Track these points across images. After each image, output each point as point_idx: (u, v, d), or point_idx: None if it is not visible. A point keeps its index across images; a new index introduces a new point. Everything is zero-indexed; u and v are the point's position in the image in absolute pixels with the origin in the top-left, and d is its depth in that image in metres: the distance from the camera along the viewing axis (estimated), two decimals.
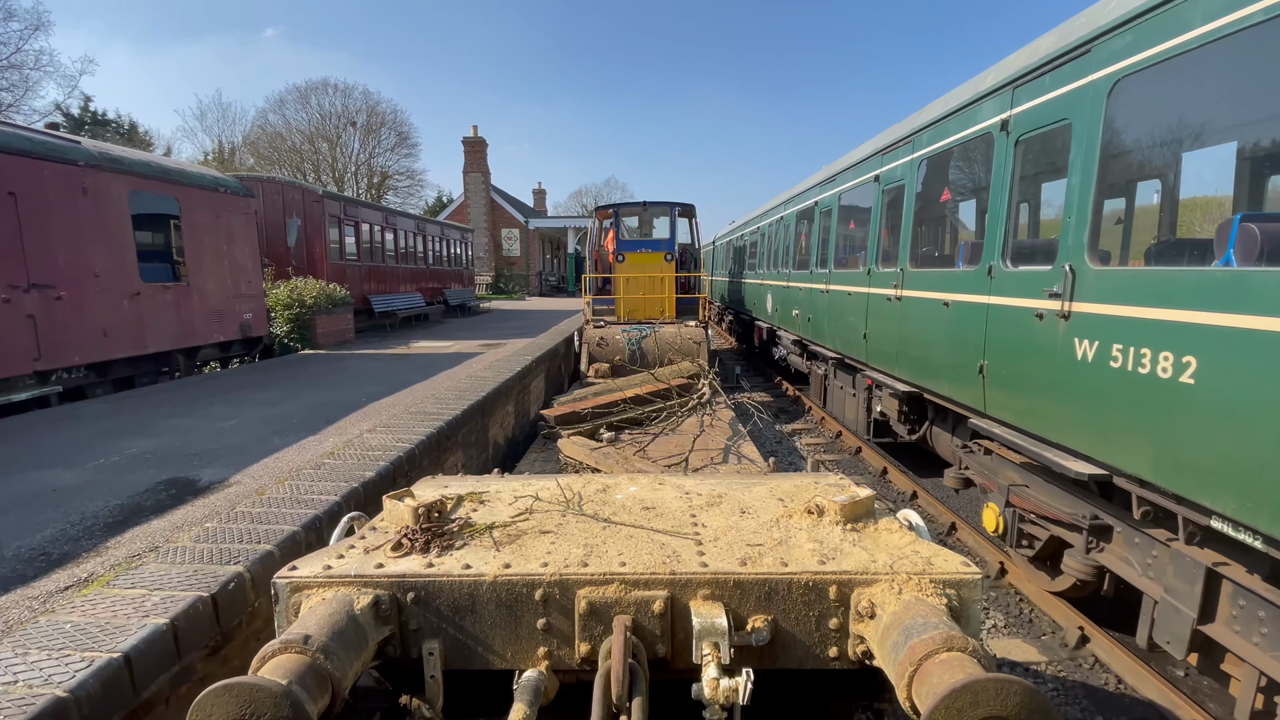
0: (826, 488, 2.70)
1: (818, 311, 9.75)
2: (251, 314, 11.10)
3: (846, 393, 8.61)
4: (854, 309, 7.94)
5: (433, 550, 2.07)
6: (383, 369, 9.00)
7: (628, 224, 13.96)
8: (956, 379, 5.36)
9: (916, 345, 6.18)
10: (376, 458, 4.55)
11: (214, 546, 3.06)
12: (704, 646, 1.77)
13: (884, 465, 7.92)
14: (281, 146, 42.05)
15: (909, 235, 6.49)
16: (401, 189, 47.45)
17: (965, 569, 1.91)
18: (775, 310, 12.97)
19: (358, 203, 17.71)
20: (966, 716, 1.34)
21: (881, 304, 7.01)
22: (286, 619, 1.90)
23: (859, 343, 7.70)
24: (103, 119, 34.60)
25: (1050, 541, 4.34)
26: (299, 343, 11.87)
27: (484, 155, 35.64)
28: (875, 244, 7.44)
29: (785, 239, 12.47)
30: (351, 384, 7.80)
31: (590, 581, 1.89)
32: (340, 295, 13.01)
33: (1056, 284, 4.01)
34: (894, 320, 6.65)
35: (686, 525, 2.30)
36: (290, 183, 15.53)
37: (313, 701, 1.48)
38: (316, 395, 7.05)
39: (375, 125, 44.56)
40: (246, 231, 11.12)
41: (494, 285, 34.90)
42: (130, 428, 5.70)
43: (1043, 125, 4.42)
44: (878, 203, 7.40)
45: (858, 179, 8.21)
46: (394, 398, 6.86)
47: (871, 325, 7.32)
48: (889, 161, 7.12)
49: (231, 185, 10.99)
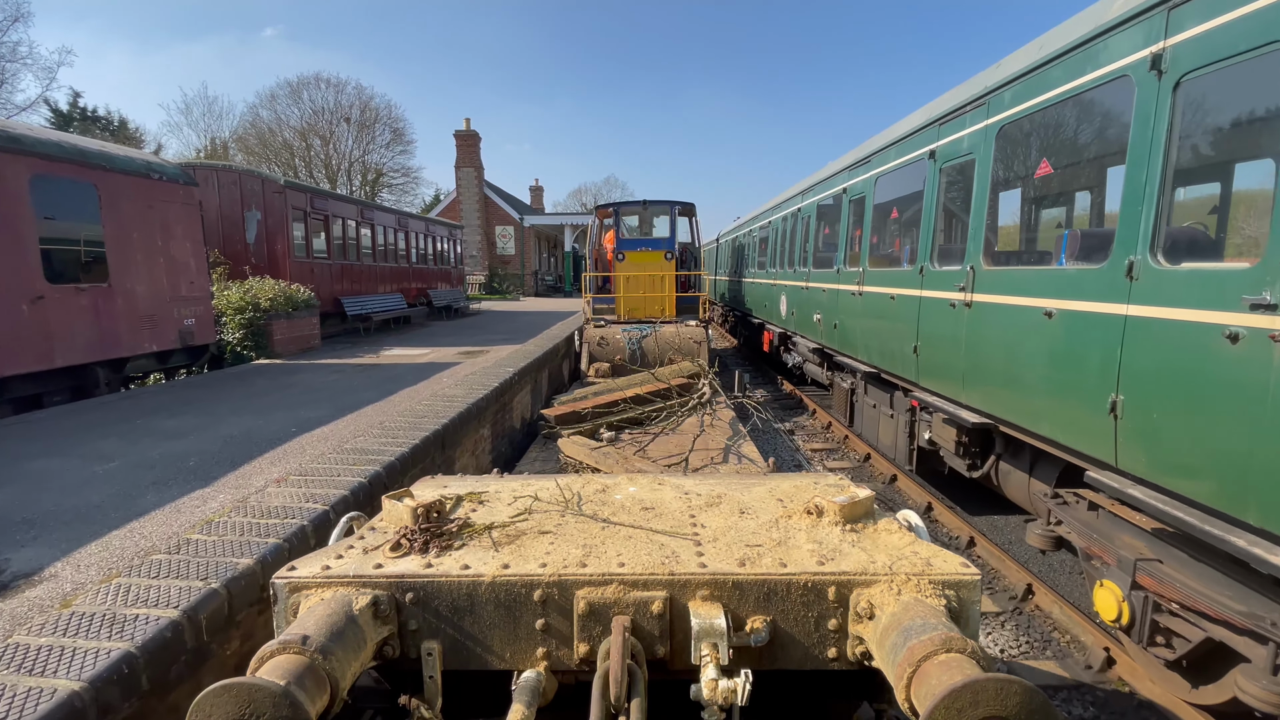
0: (826, 488, 2.70)
1: (847, 317, 8.49)
2: (195, 319, 9.70)
3: (881, 412, 7.40)
4: (899, 315, 6.69)
5: (431, 550, 2.07)
6: (337, 385, 7.77)
7: (628, 223, 13.96)
8: (1067, 417, 4.09)
9: (995, 365, 4.95)
10: (267, 531, 3.29)
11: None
12: (703, 647, 1.77)
13: (928, 500, 6.66)
14: (272, 143, 41.42)
15: (982, 224, 5.23)
16: (397, 186, 46.87)
17: (964, 570, 1.90)
18: (791, 314, 11.75)
19: (327, 195, 16.14)
20: (966, 717, 1.34)
21: (940, 311, 5.80)
22: (285, 619, 1.90)
23: (905, 356, 6.48)
24: (91, 114, 33.85)
25: (1204, 643, 3.18)
26: (253, 351, 10.49)
27: (477, 149, 34.10)
28: (929, 236, 6.17)
29: (804, 234, 11.15)
30: (291, 405, 6.60)
31: (589, 582, 1.89)
32: (303, 297, 11.64)
33: None
34: (959, 331, 5.45)
35: (685, 526, 2.30)
36: (249, 172, 13.89)
37: (311, 702, 1.48)
38: (240, 422, 5.89)
39: (369, 121, 43.93)
40: (188, 225, 9.62)
41: (487, 285, 33.81)
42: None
43: None
44: (933, 184, 6.15)
45: (903, 157, 6.93)
46: (333, 426, 5.67)
47: (925, 336, 6.08)
48: (950, 132, 5.84)
49: (169, 171, 9.50)
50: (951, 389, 5.61)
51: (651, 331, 11.03)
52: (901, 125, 7.21)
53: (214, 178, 13.26)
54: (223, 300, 10.63)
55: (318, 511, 3.59)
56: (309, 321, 11.89)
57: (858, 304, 8.04)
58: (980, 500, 6.68)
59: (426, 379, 8.11)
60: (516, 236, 35.68)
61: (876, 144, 7.86)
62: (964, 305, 5.37)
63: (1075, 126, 4.69)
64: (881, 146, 7.62)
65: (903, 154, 6.99)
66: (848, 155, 9.09)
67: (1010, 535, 6.09)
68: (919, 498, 6.89)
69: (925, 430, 6.13)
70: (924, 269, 6.21)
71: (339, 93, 42.97)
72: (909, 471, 6.88)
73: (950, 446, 5.55)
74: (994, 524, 6.30)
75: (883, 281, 7.34)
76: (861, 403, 8.18)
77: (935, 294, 5.95)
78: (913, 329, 6.31)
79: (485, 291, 32.89)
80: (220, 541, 3.21)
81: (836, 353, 8.99)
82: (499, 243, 35.72)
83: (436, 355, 10.71)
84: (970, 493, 6.77)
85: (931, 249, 6.17)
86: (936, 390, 5.94)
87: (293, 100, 42.12)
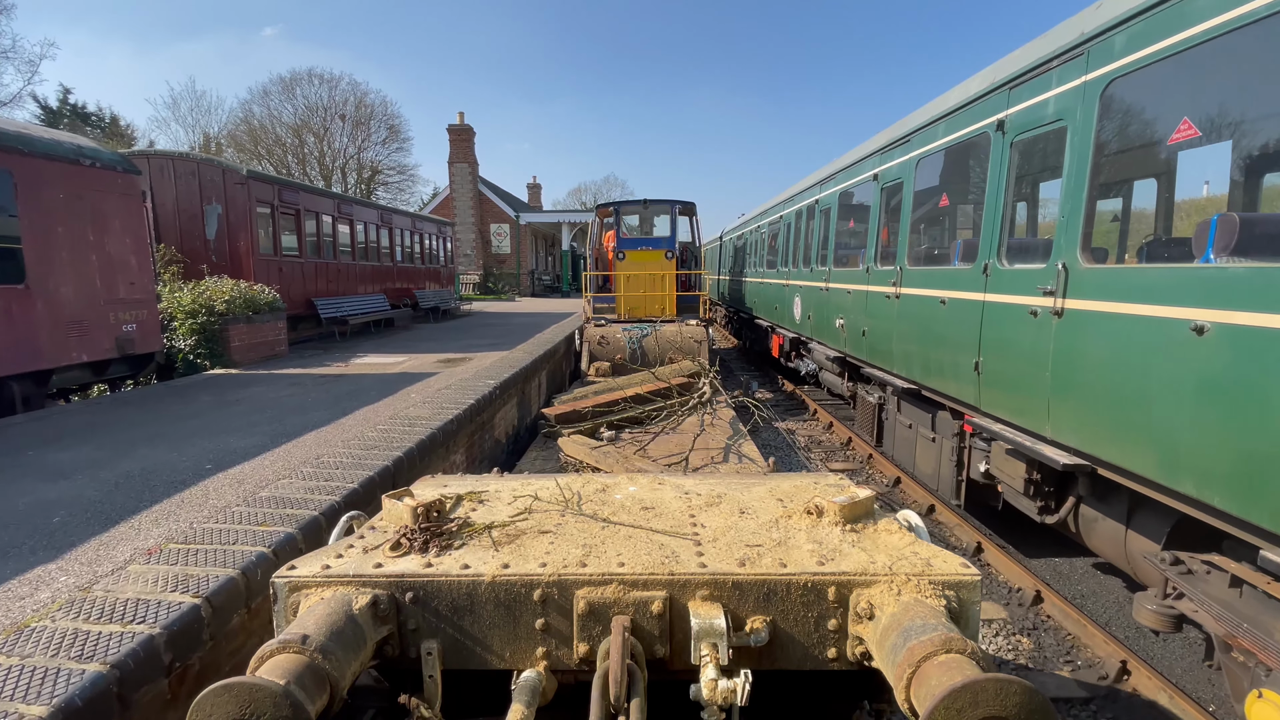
0: (826, 488, 2.70)
1: (878, 323, 7.48)
2: (136, 325, 8.56)
3: (919, 434, 6.45)
4: (950, 324, 5.72)
5: (431, 550, 2.07)
6: (288, 402, 6.78)
7: (628, 222, 13.97)
8: (1230, 474, 3.04)
9: (1103, 394, 3.87)
10: (92, 649, 2.20)
11: None
12: (702, 647, 1.77)
13: (977, 540, 5.74)
14: (265, 139, 40.94)
15: (1079, 210, 4.11)
16: (393, 184, 46.43)
17: (964, 570, 1.90)
18: (806, 317, 10.74)
19: (298, 186, 14.77)
20: (966, 716, 1.34)
21: (1013, 320, 4.81)
22: (285, 618, 1.90)
23: (959, 373, 5.53)
24: (82, 111, 33.35)
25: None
26: (208, 360, 9.44)
27: (471, 144, 33.07)
28: (997, 227, 5.13)
29: (823, 228, 10.15)
30: (221, 430, 5.59)
31: (589, 582, 1.89)
32: (266, 299, 10.62)
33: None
34: (1042, 346, 4.42)
35: (685, 525, 2.29)
36: (208, 161, 12.74)
37: (311, 701, 1.48)
38: (149, 455, 4.86)
39: (364, 118, 43.50)
40: (128, 217, 8.52)
41: (482, 285, 33.02)
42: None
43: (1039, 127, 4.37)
44: (1000, 162, 5.13)
45: (954, 133, 5.90)
46: (258, 461, 4.65)
47: (991, 350, 5.11)
48: (1026, 96, 4.80)
49: (104, 157, 8.40)
50: (1029, 417, 4.58)
51: (652, 331, 11.03)
52: (952, 95, 6.06)
53: (170, 167, 12.30)
54: (172, 303, 9.59)
55: (183, 610, 2.48)
56: (273, 326, 10.77)
57: (892, 308, 7.00)
58: (1030, 533, 5.71)
59: (394, 393, 7.15)
60: (512, 235, 34.85)
61: (917, 120, 6.75)
62: (1051, 314, 4.32)
63: (1243, 70, 3.40)
64: (925, 123, 6.49)
65: (954, 129, 5.91)
66: (878, 137, 8.03)
67: (1082, 586, 5.16)
68: (965, 536, 5.96)
69: (981, 461, 5.22)
70: (988, 268, 5.15)
71: (333, 89, 42.58)
72: (956, 507, 5.94)
73: (1017, 484, 4.68)
74: (1057, 570, 5.39)
75: (927, 282, 6.27)
76: (893, 421, 7.18)
77: (1006, 299, 4.91)
78: (972, 340, 5.32)
79: (480, 291, 32.15)
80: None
81: (864, 364, 7.94)
82: (494, 241, 34.91)
83: (412, 364, 9.67)
84: (1014, 524, 5.76)
85: (998, 243, 5.09)
86: (1005, 417, 4.90)
87: (286, 96, 41.69)
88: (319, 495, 3.77)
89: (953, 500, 5.86)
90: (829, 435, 9.89)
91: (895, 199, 7.27)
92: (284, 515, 3.50)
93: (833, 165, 9.94)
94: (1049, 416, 4.36)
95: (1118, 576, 5.17)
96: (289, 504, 3.67)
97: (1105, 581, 5.21)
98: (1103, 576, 5.14)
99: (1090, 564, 5.45)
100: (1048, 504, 4.62)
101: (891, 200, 7.41)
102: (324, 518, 3.51)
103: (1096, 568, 5.39)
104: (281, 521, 3.42)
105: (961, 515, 6.18)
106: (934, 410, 6.19)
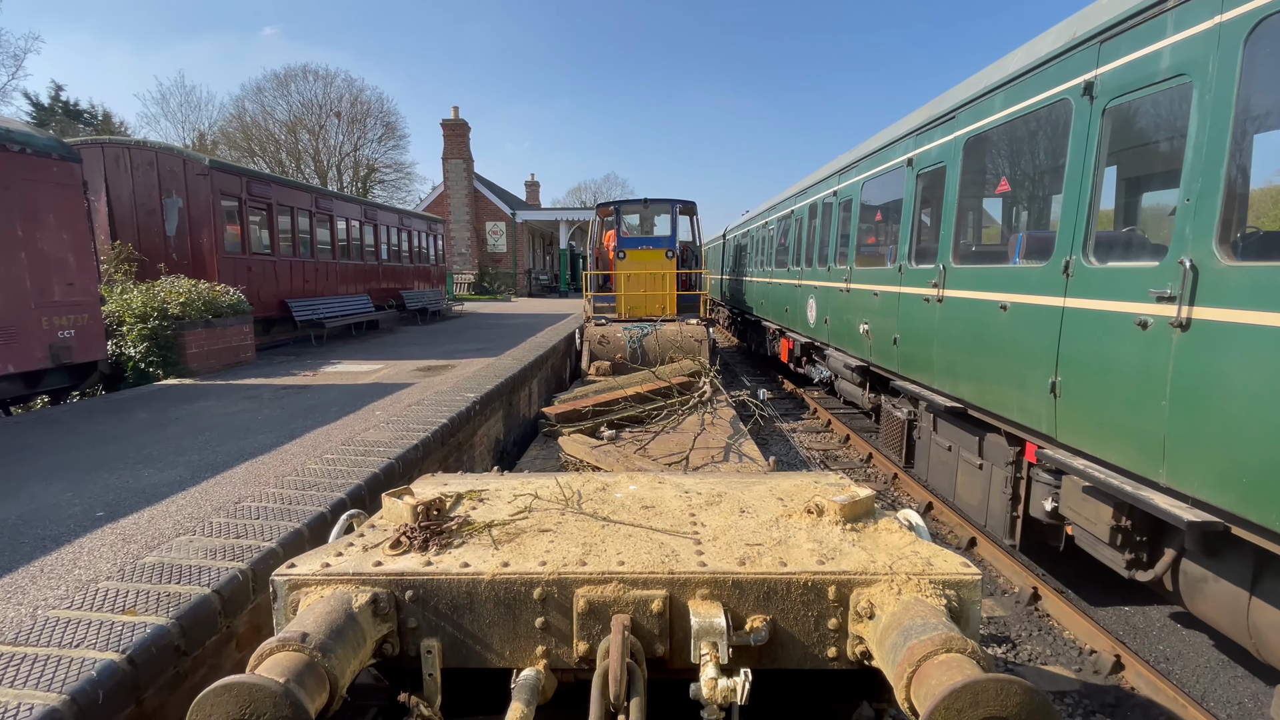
0: (826, 487, 2.70)
1: (914, 329, 6.59)
2: (75, 331, 7.67)
3: (961, 458, 5.65)
4: (1015, 333, 4.78)
5: (431, 548, 2.07)
6: (234, 420, 5.90)
7: (629, 221, 13.98)
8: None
9: (1257, 434, 2.95)
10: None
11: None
12: (702, 646, 1.77)
13: (1033, 585, 4.91)
14: (257, 135, 40.39)
15: (1216, 191, 3.18)
16: (390, 182, 45.83)
17: (965, 570, 1.90)
18: (823, 320, 9.89)
19: (270, 179, 13.70)
20: (966, 717, 1.34)
21: (1114, 333, 3.79)
22: (285, 616, 1.90)
23: (1031, 394, 4.56)
24: (74, 108, 32.63)
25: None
26: (161, 368, 8.44)
27: (466, 139, 31.92)
28: (1083, 216, 4.14)
29: (843, 222, 9.23)
30: (138, 459, 4.69)
31: (589, 580, 1.89)
32: (230, 301, 9.64)
33: None
34: (1159, 367, 3.47)
35: (685, 524, 2.29)
36: (168, 149, 11.64)
37: (311, 699, 1.48)
38: (35, 496, 3.96)
39: (359, 115, 42.92)
40: (67, 211, 7.69)
41: (477, 285, 31.79)
42: None
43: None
44: (1085, 135, 4.12)
45: (1017, 104, 4.90)
46: (160, 508, 3.68)
47: (1074, 367, 4.15)
48: (1121, 51, 3.85)
49: (37, 143, 7.51)
50: (1130, 455, 3.68)
51: (652, 330, 11.03)
52: (1012, 59, 5.07)
53: (126, 156, 11.32)
54: (121, 305, 8.61)
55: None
56: (238, 330, 9.79)
57: (932, 313, 6.12)
58: (1091, 575, 4.94)
59: (358, 410, 6.27)
60: (509, 233, 33.46)
61: (965, 93, 5.69)
62: (1170, 326, 3.39)
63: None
64: (976, 95, 5.43)
65: (1017, 99, 4.83)
66: (913, 116, 7.12)
67: (1164, 645, 4.32)
68: (1017, 578, 5.11)
69: (1047, 497, 4.49)
70: (1070, 265, 4.17)
71: (328, 85, 42.04)
72: (1010, 548, 5.09)
73: (1098, 531, 3.89)
74: (1130, 623, 4.61)
75: (981, 283, 5.32)
76: (927, 441, 6.35)
77: (1098, 305, 3.97)
78: (1045, 355, 4.41)
79: (475, 292, 31.28)
80: None
81: (894, 375, 7.09)
82: (490, 239, 33.49)
83: (389, 372, 8.75)
84: (1064, 556, 4.86)
85: (1085, 236, 4.09)
86: (1094, 452, 3.99)
87: (280, 92, 41.17)
88: (218, 562, 2.84)
89: (1006, 539, 4.99)
90: (846, 450, 9.04)
91: (936, 186, 6.29)
92: (163, 597, 2.52)
93: (854, 152, 8.99)
94: (1164, 458, 3.43)
95: (1202, 631, 4.44)
96: (177, 574, 2.73)
97: (1190, 639, 4.38)
98: (1185, 631, 4.42)
99: (1168, 615, 4.70)
100: (1138, 556, 3.81)
101: (930, 188, 6.48)
102: (218, 595, 2.60)
103: (1175, 619, 4.64)
104: (156, 606, 2.45)
105: (1014, 555, 5.34)
106: (981, 432, 5.36)
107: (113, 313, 8.64)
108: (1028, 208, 6.24)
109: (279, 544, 3.08)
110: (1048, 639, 4.47)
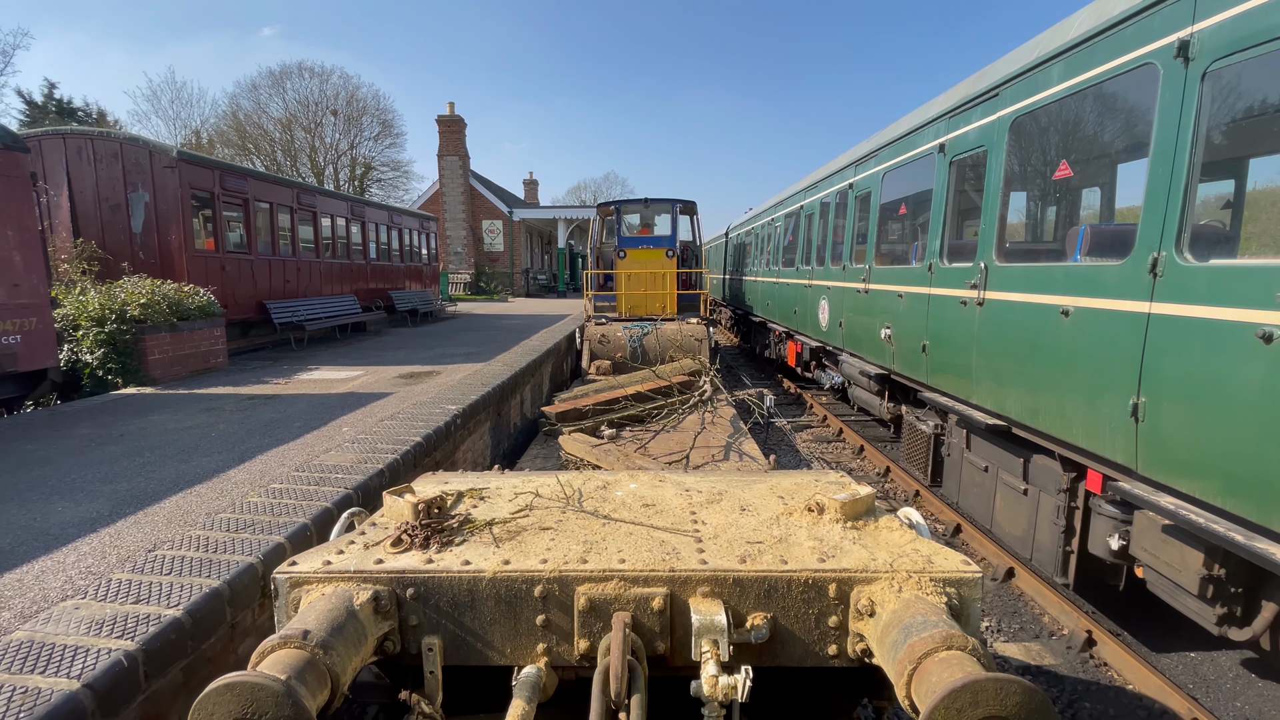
0: (827, 485, 2.70)
1: (947, 335, 5.85)
2: (21, 336, 7.15)
3: (1002, 482, 5.06)
4: (1081, 343, 4.08)
5: (432, 546, 2.07)
6: (181, 439, 5.28)
7: (629, 221, 13.99)
8: None
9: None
10: None
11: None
12: (703, 644, 1.77)
13: (1087, 629, 4.27)
14: (252, 133, 39.91)
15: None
16: (387, 181, 45.28)
17: (965, 567, 1.90)
18: (837, 324, 9.17)
19: (245, 173, 12.89)
20: (966, 716, 1.34)
21: (1224, 348, 3.09)
22: (286, 614, 1.90)
23: (1104, 416, 3.86)
24: (67, 106, 32.02)
25: None
26: (120, 375, 7.87)
27: (462, 136, 31.28)
28: (1174, 203, 3.42)
29: (859, 217, 8.51)
30: (52, 491, 4.06)
31: (590, 578, 1.89)
32: (199, 302, 8.97)
33: None
34: None
35: (686, 522, 2.30)
36: (133, 140, 10.96)
37: (312, 697, 1.48)
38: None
39: (356, 113, 42.42)
40: (11, 205, 7.17)
41: (474, 284, 31.18)
42: None
43: None
44: (1182, 106, 3.38)
45: (1082, 74, 4.18)
46: (57, 557, 3.07)
47: (1163, 387, 3.45)
48: (1221, 6, 3.16)
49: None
50: (1249, 500, 3.00)
51: (653, 329, 11.03)
52: (1076, 20, 4.35)
53: (89, 148, 10.64)
54: (76, 308, 8.01)
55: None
56: (208, 334, 9.08)
57: (970, 318, 5.41)
58: (1146, 612, 4.40)
59: (323, 425, 5.71)
60: (505, 231, 32.75)
61: (1013, 66, 4.99)
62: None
63: None
64: (1027, 67, 4.75)
65: (1083, 68, 4.15)
66: (944, 97, 6.33)
67: (1241, 701, 3.78)
68: (1066, 619, 4.49)
69: (1113, 534, 3.86)
70: (1158, 263, 3.48)
71: (324, 83, 41.49)
72: (1063, 586, 4.44)
73: (1184, 580, 3.34)
74: (1198, 672, 4.03)
75: (1033, 284, 4.60)
76: (958, 459, 5.74)
77: (1197, 311, 3.24)
78: (1125, 371, 3.68)
79: (471, 291, 30.73)
80: None
81: (922, 386, 6.42)
82: (486, 238, 32.81)
83: (368, 380, 8.19)
84: (1116, 595, 4.35)
85: (1180, 228, 3.39)
86: (1194, 493, 3.29)
87: (275, 90, 40.65)
88: (102, 640, 2.24)
89: (1057, 577, 4.40)
90: (860, 461, 8.38)
91: (974, 174, 5.63)
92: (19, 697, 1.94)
93: (873, 140, 8.23)
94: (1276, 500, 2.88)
95: (1274, 679, 3.98)
96: (45, 660, 2.12)
97: (1268, 692, 3.88)
98: (1261, 684, 3.92)
99: (1238, 662, 4.14)
100: (1231, 610, 3.25)
101: (967, 176, 5.85)
102: (89, 693, 2.00)
103: (1248, 667, 4.09)
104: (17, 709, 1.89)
105: (1060, 592, 4.66)
106: (1026, 453, 4.73)
107: (67, 316, 8.04)
108: (1095, 197, 5.45)
109: (185, 611, 2.46)
110: (1109, 695, 3.80)
